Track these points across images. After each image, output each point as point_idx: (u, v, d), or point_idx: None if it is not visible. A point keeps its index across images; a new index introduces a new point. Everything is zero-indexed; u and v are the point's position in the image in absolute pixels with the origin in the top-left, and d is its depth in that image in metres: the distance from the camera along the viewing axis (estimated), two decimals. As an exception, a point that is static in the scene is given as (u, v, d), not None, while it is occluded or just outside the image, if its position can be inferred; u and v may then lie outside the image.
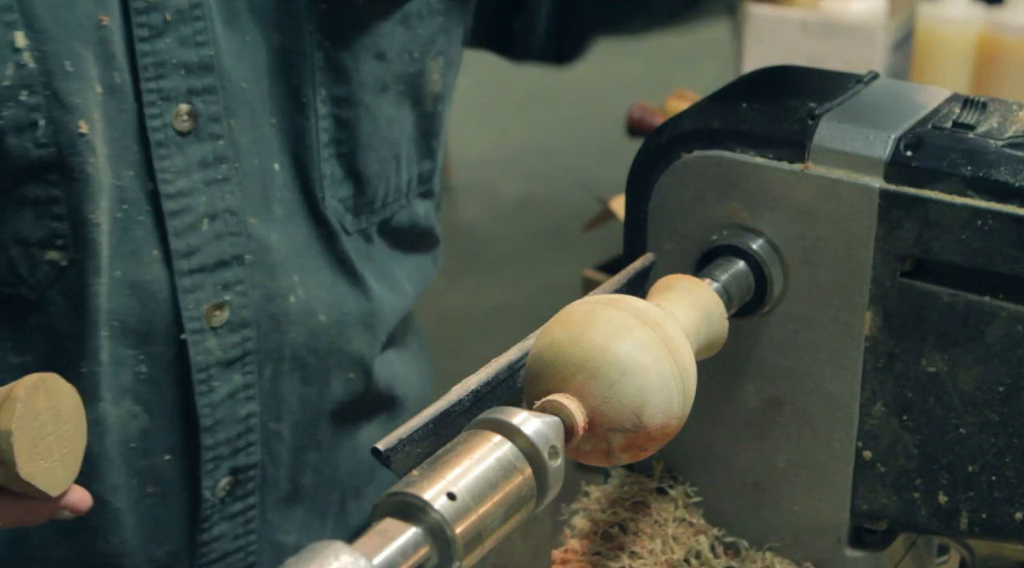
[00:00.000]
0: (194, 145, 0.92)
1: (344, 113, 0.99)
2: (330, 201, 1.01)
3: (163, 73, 0.89)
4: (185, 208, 0.93)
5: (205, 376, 0.97)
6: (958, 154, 0.80)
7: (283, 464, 1.04)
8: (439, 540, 0.63)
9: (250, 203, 0.96)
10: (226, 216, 0.95)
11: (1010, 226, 0.78)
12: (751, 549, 0.90)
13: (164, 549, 0.99)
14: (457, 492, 0.64)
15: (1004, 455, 0.81)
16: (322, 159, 0.99)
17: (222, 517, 1.01)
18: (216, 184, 0.94)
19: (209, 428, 0.98)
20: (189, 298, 0.95)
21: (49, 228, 0.88)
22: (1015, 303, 0.79)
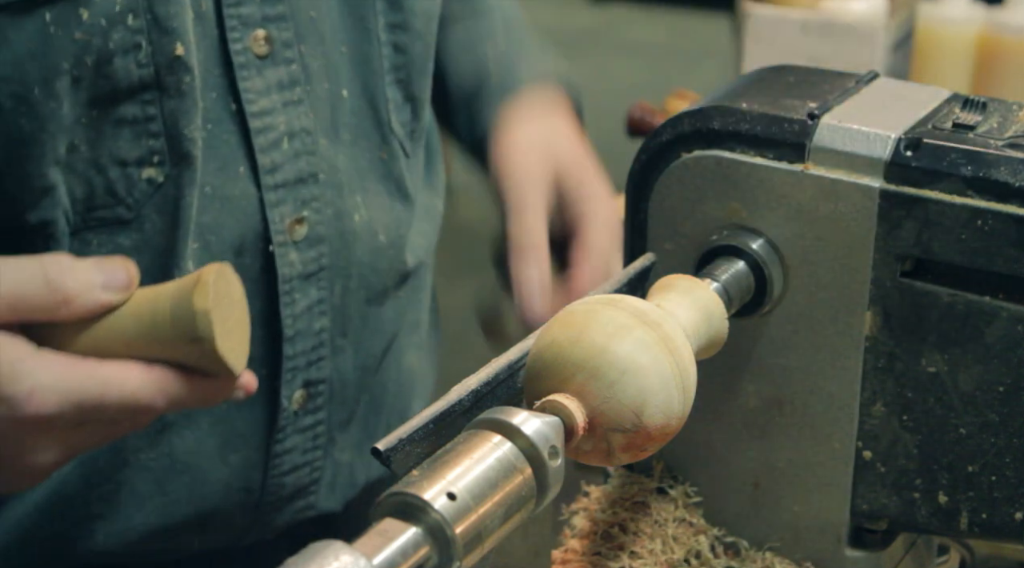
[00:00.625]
0: (271, 68, 0.98)
1: (401, 39, 1.06)
2: (395, 125, 1.08)
3: (241, 0, 0.96)
4: (268, 126, 0.98)
5: (288, 288, 1.01)
6: (958, 154, 0.80)
7: (348, 382, 1.09)
8: (439, 540, 0.63)
9: (321, 125, 1.02)
10: (303, 135, 1.00)
11: (1010, 226, 0.78)
12: (751, 549, 0.90)
13: (239, 455, 1.02)
14: (457, 492, 0.64)
15: (1004, 455, 0.81)
16: (386, 84, 1.06)
17: (295, 430, 1.05)
18: (292, 105, 0.99)
19: (291, 338, 1.02)
20: (275, 212, 0.99)
21: (147, 146, 0.92)
22: (1015, 303, 0.79)
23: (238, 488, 1.02)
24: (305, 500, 1.07)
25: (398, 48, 1.06)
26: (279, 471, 1.03)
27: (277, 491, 1.04)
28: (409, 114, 1.08)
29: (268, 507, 1.04)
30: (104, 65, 0.88)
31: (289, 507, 1.06)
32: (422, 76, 1.08)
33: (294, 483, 1.05)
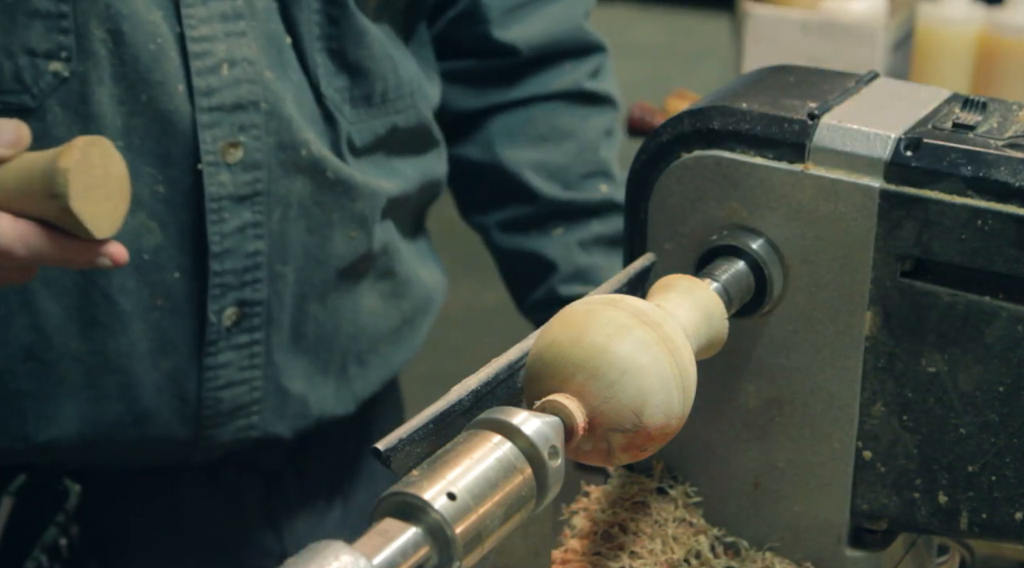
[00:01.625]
0: (214, 1, 1.03)
1: (332, 11, 1.09)
2: (326, 90, 1.11)
3: None
4: (207, 51, 1.03)
5: (217, 206, 1.05)
6: (958, 154, 0.80)
7: (287, 307, 1.11)
8: (439, 540, 0.63)
9: (267, 59, 1.06)
10: (244, 64, 1.05)
11: (1010, 226, 0.78)
12: (751, 549, 0.90)
13: (171, 362, 1.06)
14: (457, 492, 0.64)
15: (1004, 455, 0.81)
16: (315, 51, 1.09)
17: (228, 346, 1.08)
18: (235, 36, 1.04)
19: (218, 255, 1.06)
20: (207, 133, 1.04)
21: (56, 41, 0.98)
22: (1015, 303, 0.79)
23: (172, 394, 1.06)
24: (247, 419, 1.10)
25: (330, 18, 1.08)
26: (214, 385, 1.07)
27: (215, 405, 1.07)
28: (346, 82, 1.11)
29: (207, 421, 1.07)
30: None
31: (230, 424, 1.09)
32: (358, 47, 1.10)
33: (232, 399, 1.08)
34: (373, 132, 1.14)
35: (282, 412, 1.12)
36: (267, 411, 1.11)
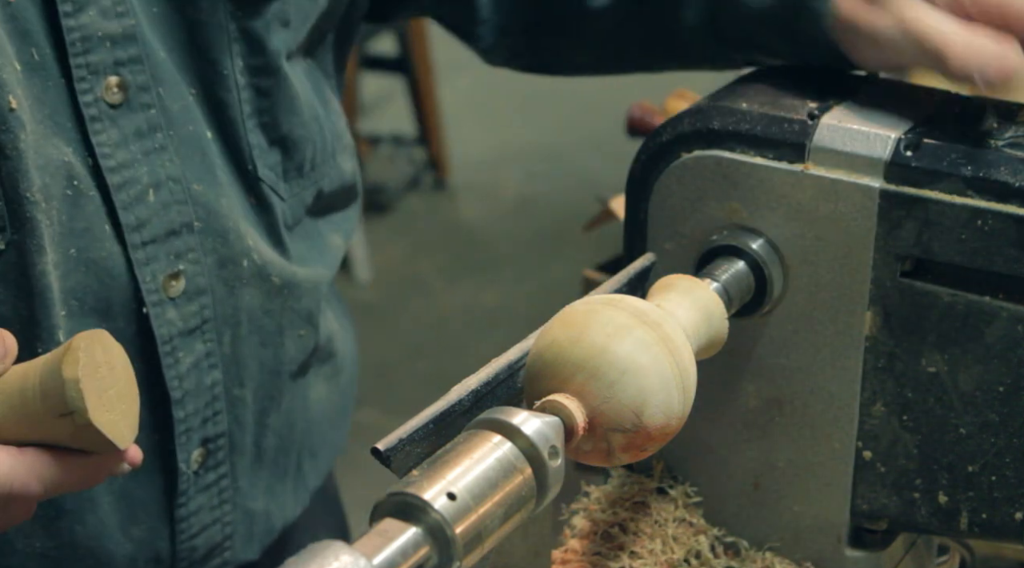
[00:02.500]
0: (127, 116, 0.92)
1: (263, 82, 0.99)
2: (263, 171, 1.01)
3: (90, 47, 0.89)
4: (128, 180, 0.93)
5: (170, 348, 0.96)
6: (958, 154, 0.80)
7: (248, 429, 1.04)
8: (439, 540, 0.63)
9: (191, 170, 0.96)
10: (170, 184, 0.94)
11: (1010, 226, 0.78)
12: (751, 549, 0.90)
13: (142, 527, 0.99)
14: (457, 492, 0.64)
15: (1004, 455, 0.81)
16: (248, 130, 1.00)
17: (197, 490, 1.01)
18: (155, 153, 0.94)
19: (179, 401, 0.98)
20: (146, 271, 0.94)
21: None
22: (1015, 303, 0.79)
23: (146, 560, 0.99)
24: (220, 557, 1.04)
25: (260, 91, 0.99)
26: (188, 535, 1.00)
27: (189, 555, 1.01)
28: (279, 156, 1.02)
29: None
30: None
31: (205, 566, 1.03)
32: (291, 115, 1.02)
33: (206, 543, 1.02)
34: (303, 203, 1.06)
35: (251, 535, 1.06)
36: (238, 541, 1.05)
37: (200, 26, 0.95)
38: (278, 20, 0.98)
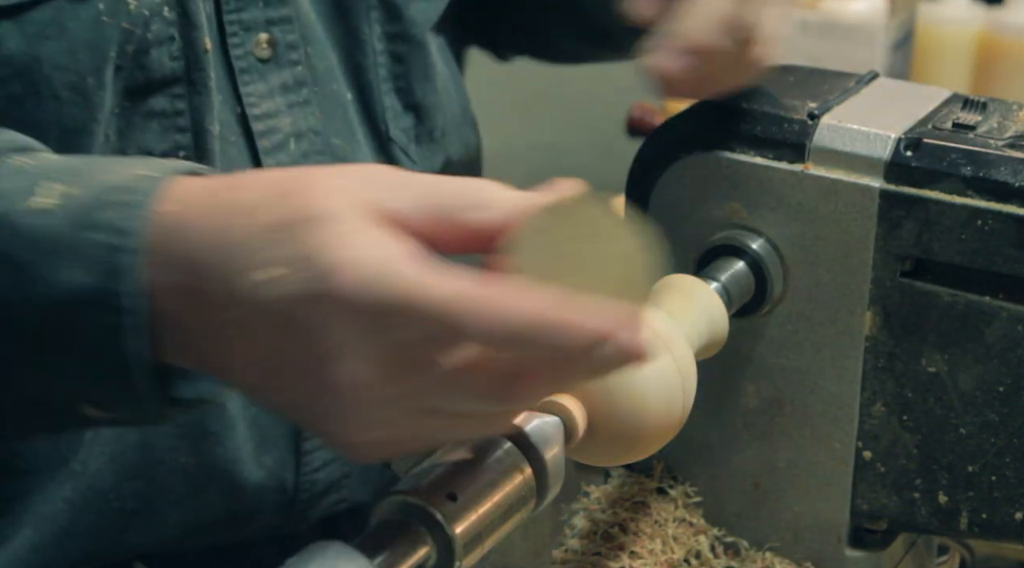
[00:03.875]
0: (275, 71, 0.98)
1: (399, 49, 1.05)
2: (394, 132, 1.06)
3: (243, 5, 0.95)
4: (272, 129, 0.98)
5: None
6: (958, 154, 0.80)
7: None
8: (439, 540, 0.63)
9: (332, 125, 1.01)
10: (311, 136, 0.99)
11: (1010, 226, 0.78)
12: (751, 549, 0.90)
13: (272, 457, 1.01)
14: (457, 492, 0.64)
15: (1004, 455, 0.81)
16: (383, 93, 1.05)
17: None
18: (299, 106, 0.99)
19: None
20: None
21: (173, 140, 0.92)
22: (1015, 303, 0.79)
23: (273, 488, 1.01)
24: (338, 493, 1.06)
25: (396, 57, 1.05)
26: (311, 468, 1.03)
27: (310, 488, 1.03)
28: (411, 121, 1.08)
29: (302, 504, 1.04)
30: (141, 55, 0.88)
31: (322, 502, 1.05)
32: (425, 82, 1.07)
33: (326, 479, 1.04)
34: (432, 168, 1.11)
35: (367, 477, 1.08)
36: (355, 482, 1.07)
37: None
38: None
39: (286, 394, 0.64)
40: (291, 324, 0.62)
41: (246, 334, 0.63)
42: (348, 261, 0.61)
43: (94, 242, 0.64)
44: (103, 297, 0.64)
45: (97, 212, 0.65)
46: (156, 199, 0.65)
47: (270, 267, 0.61)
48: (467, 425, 0.65)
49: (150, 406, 0.67)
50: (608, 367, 0.61)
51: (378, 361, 0.61)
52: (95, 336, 0.65)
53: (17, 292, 0.65)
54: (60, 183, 0.67)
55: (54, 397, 0.68)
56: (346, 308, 0.60)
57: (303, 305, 0.61)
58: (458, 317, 0.59)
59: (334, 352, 0.61)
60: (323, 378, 0.62)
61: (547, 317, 0.59)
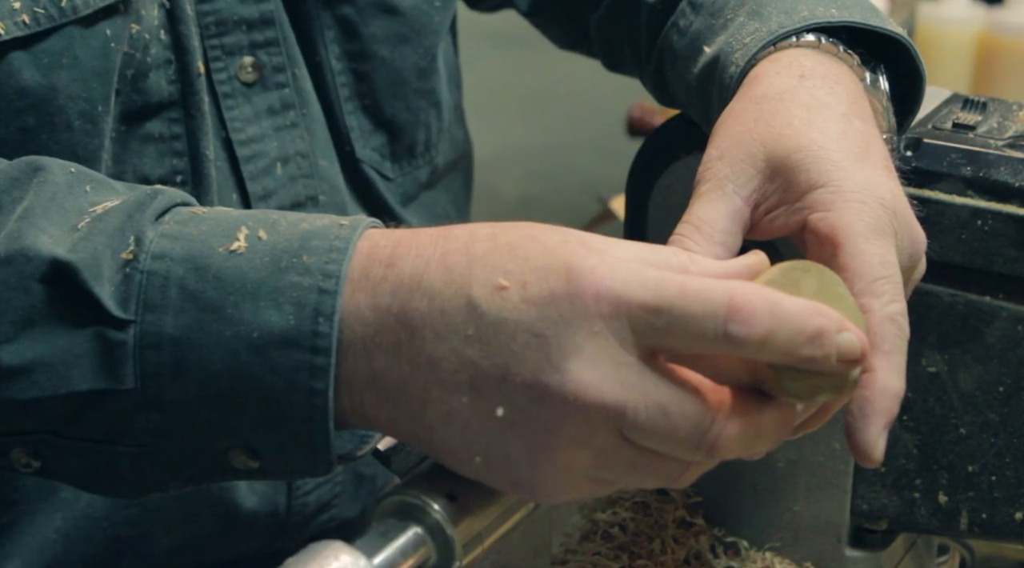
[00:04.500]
0: (260, 94, 0.97)
1: (361, 67, 1.03)
2: (363, 152, 1.04)
3: (224, 30, 0.94)
4: (257, 153, 0.97)
5: None
6: (958, 154, 0.80)
7: None
8: (439, 540, 0.63)
9: (319, 147, 1.00)
10: (298, 159, 0.98)
11: (1010, 226, 0.78)
12: (751, 549, 0.90)
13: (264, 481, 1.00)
14: (457, 492, 0.64)
15: (1004, 455, 0.81)
16: (347, 113, 1.03)
17: None
18: (286, 129, 0.98)
19: None
20: None
21: (170, 165, 0.92)
22: (1015, 303, 0.79)
23: (265, 512, 1.01)
24: (328, 513, 1.06)
25: (359, 76, 1.02)
26: (302, 491, 1.03)
27: (301, 510, 1.03)
28: (384, 138, 1.05)
29: (293, 526, 1.03)
30: (140, 79, 0.88)
31: (313, 522, 1.05)
32: (395, 100, 1.05)
33: (317, 500, 1.04)
34: (416, 181, 1.10)
35: (356, 496, 1.08)
36: (345, 500, 1.07)
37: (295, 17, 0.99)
38: (377, 7, 1.02)
39: (485, 422, 0.62)
40: (534, 326, 0.61)
41: (460, 353, 0.62)
42: (610, 262, 0.61)
43: (299, 285, 0.64)
44: (300, 338, 0.64)
45: (302, 256, 0.65)
46: (359, 244, 0.65)
47: (518, 275, 0.61)
48: (656, 469, 0.63)
49: (318, 452, 0.66)
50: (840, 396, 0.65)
51: (611, 362, 0.61)
52: (284, 376, 0.64)
53: (208, 333, 0.64)
54: (254, 229, 0.66)
55: (212, 443, 0.67)
56: (606, 304, 0.60)
57: (559, 303, 0.61)
58: (736, 310, 0.60)
59: (572, 353, 0.60)
60: (549, 385, 0.61)
61: (836, 320, 0.61)
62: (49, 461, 0.69)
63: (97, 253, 0.66)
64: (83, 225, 0.68)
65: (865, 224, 0.69)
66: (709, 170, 0.74)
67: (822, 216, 0.69)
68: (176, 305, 0.65)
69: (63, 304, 0.66)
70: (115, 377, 0.66)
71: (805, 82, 0.76)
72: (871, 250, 0.68)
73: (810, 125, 0.73)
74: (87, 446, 0.68)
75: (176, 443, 0.67)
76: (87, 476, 0.70)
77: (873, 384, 0.66)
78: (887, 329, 0.67)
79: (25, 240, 0.66)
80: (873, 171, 0.71)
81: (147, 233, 0.67)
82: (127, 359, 0.65)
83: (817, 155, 0.71)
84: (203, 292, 0.65)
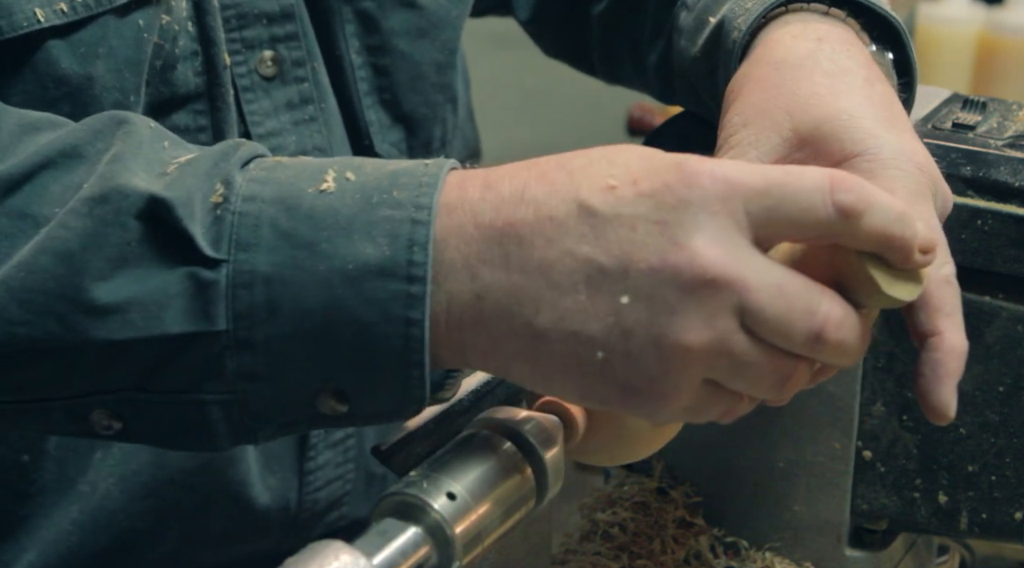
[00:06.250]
0: (280, 88, 0.96)
1: (380, 61, 1.02)
2: (381, 146, 1.04)
3: (245, 24, 0.94)
4: (275, 147, 0.96)
5: None
6: (958, 154, 0.80)
7: None
8: (439, 540, 0.63)
9: (336, 141, 1.00)
10: (316, 154, 0.98)
11: (1010, 226, 0.78)
12: (751, 549, 0.90)
13: (276, 477, 1.01)
14: (457, 492, 0.64)
15: (1004, 455, 0.81)
16: (366, 107, 1.03)
17: (326, 445, 1.03)
18: (304, 124, 0.97)
19: None
20: None
21: None
22: (1015, 303, 0.79)
23: (277, 508, 1.01)
24: (338, 511, 1.06)
25: (378, 70, 1.03)
26: (313, 487, 1.03)
27: (312, 507, 1.03)
28: (402, 133, 1.05)
29: (304, 523, 1.03)
30: (168, 71, 0.88)
31: (323, 520, 1.05)
32: (413, 94, 1.05)
33: (327, 497, 1.04)
34: None
35: (367, 495, 1.08)
36: (355, 498, 1.07)
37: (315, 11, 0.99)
38: (396, 1, 1.02)
39: (606, 316, 0.62)
40: (653, 214, 0.62)
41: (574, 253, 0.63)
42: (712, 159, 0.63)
43: (393, 218, 0.64)
44: (395, 267, 0.63)
45: (391, 191, 0.65)
46: (448, 178, 0.66)
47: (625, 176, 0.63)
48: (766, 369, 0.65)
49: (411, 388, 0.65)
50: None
51: (732, 242, 0.62)
52: (380, 307, 0.64)
53: (302, 269, 0.64)
54: (340, 171, 0.67)
55: (303, 385, 0.66)
56: (722, 185, 0.62)
57: (676, 189, 0.62)
58: (840, 181, 0.62)
59: (695, 232, 0.61)
60: (679, 263, 0.61)
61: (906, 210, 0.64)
62: (131, 421, 0.68)
63: (191, 193, 0.66)
64: (172, 170, 0.68)
65: (908, 189, 0.70)
66: (733, 137, 0.74)
67: None
68: (269, 244, 0.65)
69: (158, 243, 0.66)
70: (207, 318, 0.65)
71: (823, 46, 0.76)
72: (917, 215, 0.68)
73: (836, 94, 0.73)
74: (172, 398, 0.67)
75: (267, 386, 0.66)
76: (173, 431, 0.69)
77: (942, 345, 0.67)
78: (945, 291, 0.68)
79: (120, 179, 0.66)
80: (903, 135, 0.72)
81: (235, 178, 0.67)
82: (219, 299, 0.65)
83: (848, 125, 0.72)
84: (295, 230, 0.65)
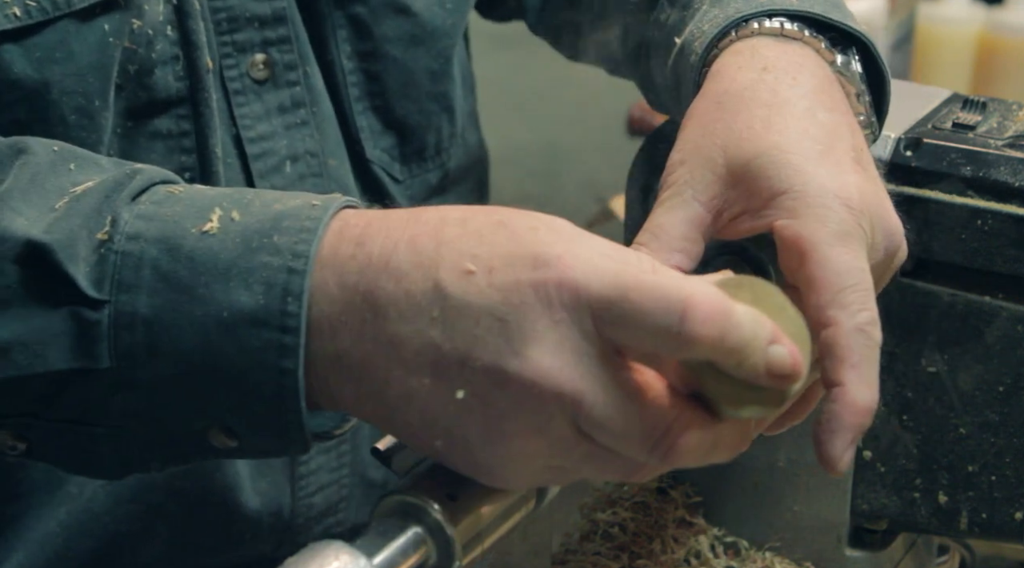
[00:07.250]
0: (271, 92, 0.96)
1: (373, 67, 1.02)
2: (373, 152, 1.04)
3: (236, 27, 0.93)
4: (267, 151, 0.96)
5: None
6: (958, 154, 0.80)
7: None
8: (439, 540, 0.63)
9: (329, 146, 1.00)
10: (307, 158, 0.98)
11: (1010, 226, 0.78)
12: (751, 549, 0.90)
13: (268, 481, 1.00)
14: (457, 492, 0.64)
15: (1004, 455, 0.81)
16: (357, 113, 1.02)
17: (319, 450, 1.02)
18: (296, 128, 0.97)
19: None
20: None
21: (178, 161, 0.91)
22: (1015, 303, 0.79)
23: (268, 513, 1.01)
24: (335, 517, 1.05)
25: (370, 76, 1.02)
26: (306, 492, 1.02)
27: (306, 512, 1.03)
28: (394, 139, 1.05)
29: (298, 528, 1.03)
30: (145, 75, 0.87)
31: (319, 525, 1.05)
32: (406, 101, 1.04)
33: (322, 502, 1.03)
34: (426, 184, 1.09)
35: (366, 500, 1.08)
36: (353, 504, 1.07)
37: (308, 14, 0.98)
38: (389, 7, 1.01)
39: (445, 404, 0.62)
40: (497, 310, 0.61)
41: (423, 334, 0.62)
42: (574, 252, 0.62)
43: (270, 265, 0.64)
44: (269, 317, 0.64)
45: (272, 236, 0.65)
46: (331, 224, 0.65)
47: (485, 260, 0.62)
48: (612, 464, 0.63)
49: (291, 431, 0.66)
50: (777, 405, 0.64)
51: (572, 352, 0.61)
52: (253, 356, 0.64)
53: (180, 313, 0.65)
54: (227, 210, 0.67)
55: (188, 422, 0.67)
56: (568, 293, 0.61)
57: (523, 290, 0.61)
58: (693, 307, 0.60)
59: (533, 339, 0.60)
60: (508, 369, 0.61)
61: (768, 331, 0.61)
62: (34, 443, 0.70)
63: (73, 233, 0.66)
64: (61, 205, 0.68)
65: (829, 230, 0.68)
66: (671, 175, 0.74)
67: (786, 224, 0.69)
68: (149, 285, 0.65)
69: (38, 284, 0.66)
70: (91, 356, 0.66)
71: (767, 76, 0.75)
72: (837, 258, 0.67)
73: (770, 127, 0.72)
74: (66, 427, 0.68)
75: (151, 423, 0.67)
76: (70, 457, 0.70)
77: (842, 398, 0.66)
78: (855, 340, 0.66)
79: (1, 222, 0.67)
80: (837, 169, 0.70)
81: (123, 214, 0.67)
82: (102, 339, 0.66)
83: (777, 160, 0.70)
84: (176, 272, 0.65)
